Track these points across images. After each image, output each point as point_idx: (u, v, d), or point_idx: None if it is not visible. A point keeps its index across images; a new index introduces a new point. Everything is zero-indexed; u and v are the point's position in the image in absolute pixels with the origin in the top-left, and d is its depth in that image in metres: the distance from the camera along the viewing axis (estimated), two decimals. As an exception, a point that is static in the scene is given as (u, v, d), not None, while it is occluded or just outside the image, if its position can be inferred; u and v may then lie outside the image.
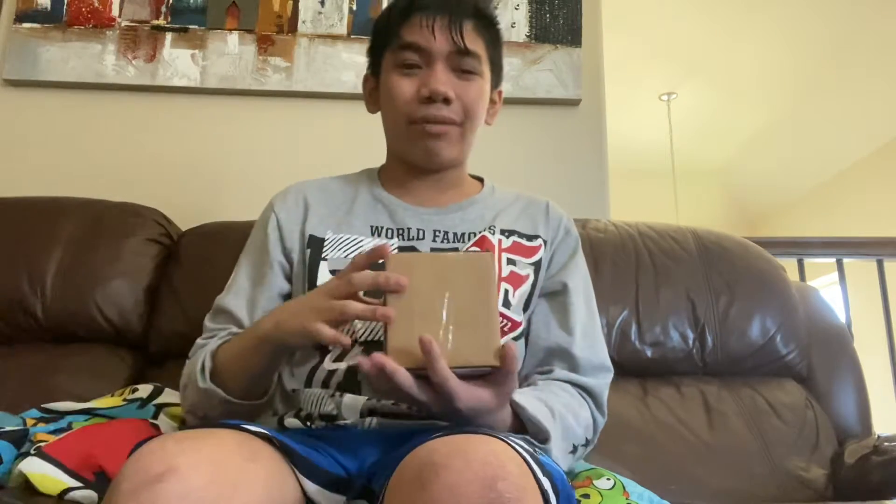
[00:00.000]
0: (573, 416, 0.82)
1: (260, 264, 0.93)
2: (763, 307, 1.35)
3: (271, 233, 0.93)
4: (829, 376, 1.37)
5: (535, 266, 0.93)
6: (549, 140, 1.71)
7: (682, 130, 4.67)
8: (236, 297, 0.91)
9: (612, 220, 1.48)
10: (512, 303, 0.89)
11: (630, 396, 1.29)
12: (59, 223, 1.33)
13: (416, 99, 0.88)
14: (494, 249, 0.91)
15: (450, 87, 0.87)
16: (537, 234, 0.96)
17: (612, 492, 0.84)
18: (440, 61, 0.88)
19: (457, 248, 0.91)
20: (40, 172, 1.63)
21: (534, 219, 0.98)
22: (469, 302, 0.66)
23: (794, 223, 5.17)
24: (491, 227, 0.94)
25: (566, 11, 1.74)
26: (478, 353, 0.65)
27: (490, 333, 0.66)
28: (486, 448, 0.54)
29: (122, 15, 1.69)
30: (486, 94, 0.92)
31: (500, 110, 1.01)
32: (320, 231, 0.92)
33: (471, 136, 0.92)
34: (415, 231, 0.92)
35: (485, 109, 0.93)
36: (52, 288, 1.27)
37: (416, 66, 0.89)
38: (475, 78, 0.90)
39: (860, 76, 3.84)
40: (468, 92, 0.89)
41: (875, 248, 2.18)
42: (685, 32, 3.70)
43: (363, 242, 0.90)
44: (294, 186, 0.99)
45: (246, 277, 0.93)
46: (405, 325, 0.65)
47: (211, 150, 1.66)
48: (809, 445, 1.25)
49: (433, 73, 0.87)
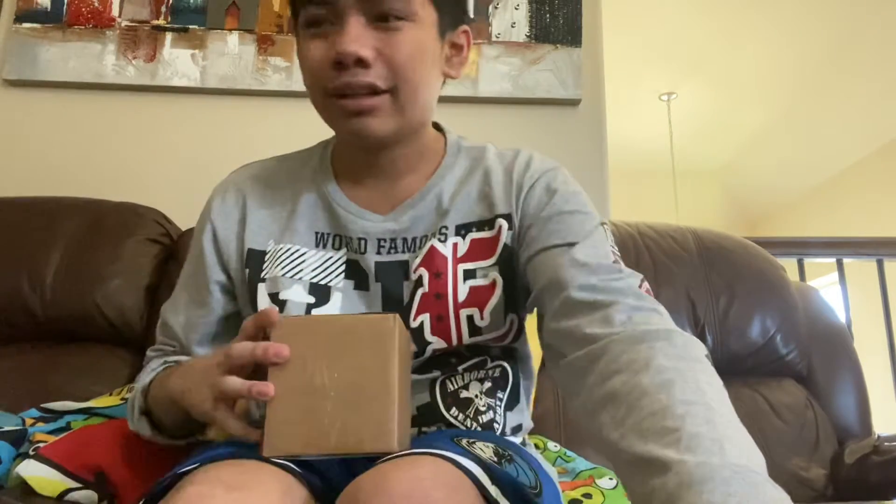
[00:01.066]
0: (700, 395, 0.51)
1: (197, 285, 0.80)
2: (763, 307, 1.35)
3: (206, 246, 0.79)
4: (829, 376, 1.37)
5: (500, 263, 0.74)
6: (549, 140, 1.71)
7: (682, 130, 4.67)
8: (175, 314, 0.81)
9: (612, 220, 1.48)
10: (480, 326, 0.73)
11: (630, 396, 1.29)
12: (59, 223, 1.33)
13: (328, 65, 0.68)
14: (446, 266, 0.74)
15: (366, 43, 0.67)
16: (495, 215, 0.75)
17: (615, 492, 0.84)
18: (351, 13, 0.67)
19: (407, 262, 0.75)
20: (40, 172, 1.63)
21: (493, 191, 0.76)
22: (364, 374, 0.57)
23: (794, 223, 5.17)
24: (442, 230, 0.75)
25: (566, 11, 1.74)
26: (371, 437, 0.56)
27: (386, 413, 0.56)
28: (410, 476, 0.50)
29: (122, 15, 1.69)
30: (426, 45, 0.71)
31: (468, 57, 0.79)
32: (260, 241, 0.78)
33: (412, 105, 0.71)
34: (356, 242, 0.76)
35: (430, 63, 0.72)
36: (52, 288, 1.27)
37: (326, 22, 0.69)
38: (404, 25, 0.69)
39: (860, 76, 3.84)
40: (395, 47, 0.68)
41: (875, 248, 2.18)
42: (685, 32, 3.70)
43: (306, 256, 0.76)
44: (235, 178, 0.83)
45: (185, 293, 0.82)
46: (287, 403, 0.57)
47: (211, 150, 1.66)
48: (809, 445, 1.25)
49: (343, 29, 0.67)
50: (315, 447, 0.57)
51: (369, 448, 0.56)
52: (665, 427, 0.47)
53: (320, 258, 0.76)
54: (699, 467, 0.43)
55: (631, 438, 0.49)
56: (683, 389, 0.51)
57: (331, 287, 0.75)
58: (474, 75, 1.69)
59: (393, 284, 0.75)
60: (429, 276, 0.74)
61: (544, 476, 0.70)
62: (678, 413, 0.48)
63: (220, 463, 0.58)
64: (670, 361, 0.54)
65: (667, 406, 0.49)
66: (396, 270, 0.75)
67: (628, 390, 0.52)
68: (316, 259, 0.76)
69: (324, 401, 0.57)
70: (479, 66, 1.70)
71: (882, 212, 4.17)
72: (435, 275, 0.74)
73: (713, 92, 4.33)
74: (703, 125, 4.75)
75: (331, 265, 0.76)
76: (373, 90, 0.69)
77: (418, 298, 0.73)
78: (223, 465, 0.57)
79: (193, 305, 0.80)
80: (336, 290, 0.75)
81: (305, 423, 0.57)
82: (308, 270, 0.75)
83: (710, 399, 0.50)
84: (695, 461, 0.44)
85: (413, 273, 0.74)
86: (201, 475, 0.55)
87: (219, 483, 0.53)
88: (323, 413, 0.57)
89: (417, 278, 0.74)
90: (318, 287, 0.75)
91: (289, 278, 0.75)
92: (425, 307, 0.73)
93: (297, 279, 0.75)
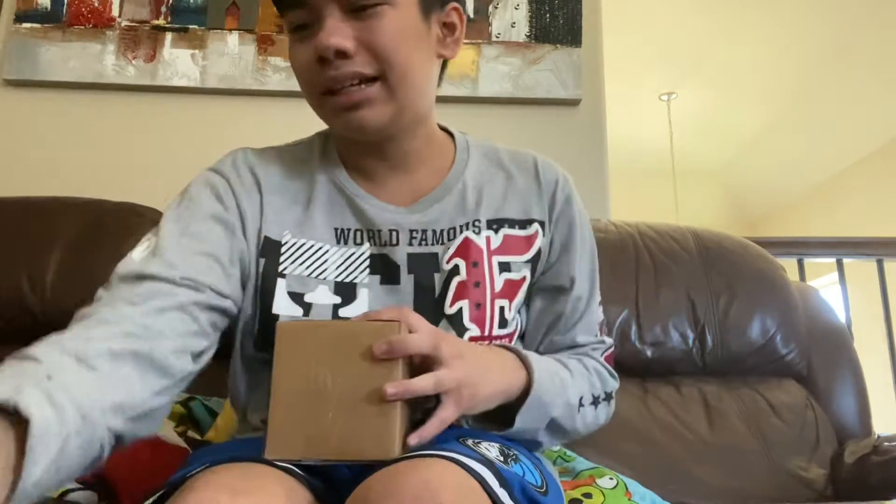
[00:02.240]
0: (580, 365, 0.79)
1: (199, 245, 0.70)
2: (763, 307, 1.36)
3: (234, 220, 0.73)
4: (829, 376, 1.37)
5: (533, 261, 0.79)
6: (549, 140, 1.71)
7: (682, 130, 4.67)
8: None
9: (612, 220, 1.48)
10: (508, 319, 0.77)
11: (630, 396, 1.29)
12: (59, 223, 1.33)
13: (312, 64, 0.69)
14: (482, 257, 0.76)
15: (344, 35, 0.67)
16: (531, 219, 0.79)
17: (615, 491, 0.84)
18: (326, 8, 0.67)
19: (436, 254, 0.76)
20: (40, 172, 1.63)
21: (524, 194, 0.80)
22: (368, 381, 0.57)
23: (794, 223, 5.17)
24: (475, 223, 0.77)
25: (566, 11, 1.74)
26: (372, 444, 0.56)
27: (388, 421, 0.56)
28: (420, 478, 0.51)
29: (122, 15, 1.69)
30: (408, 26, 0.70)
31: (461, 37, 0.77)
32: (276, 230, 0.75)
33: (405, 89, 0.70)
34: (387, 233, 0.76)
35: (417, 45, 0.71)
36: (52, 288, 1.27)
37: (309, 26, 0.69)
38: (382, 10, 0.68)
39: (860, 76, 3.84)
40: (374, 32, 0.67)
41: (875, 248, 2.18)
42: (685, 32, 3.70)
43: (328, 254, 0.75)
44: (240, 159, 0.78)
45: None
46: (290, 407, 0.57)
47: (211, 150, 1.65)
48: (809, 445, 1.25)
49: (322, 27, 0.68)
50: (316, 452, 0.57)
51: (370, 456, 0.56)
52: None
53: (343, 254, 0.75)
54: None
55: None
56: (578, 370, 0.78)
57: (356, 284, 0.74)
58: (474, 75, 1.69)
59: (425, 276, 0.75)
60: (466, 265, 0.75)
61: (548, 475, 0.70)
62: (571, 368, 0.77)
63: (223, 467, 0.57)
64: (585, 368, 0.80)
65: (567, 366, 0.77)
66: (427, 262, 0.76)
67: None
68: (338, 256, 0.75)
69: (326, 406, 0.57)
70: (479, 66, 1.70)
71: (882, 212, 4.17)
72: (472, 264, 0.76)
73: (713, 92, 4.33)
74: (703, 125, 4.75)
75: (355, 261, 0.75)
76: (361, 79, 0.68)
77: (454, 286, 0.75)
78: (227, 470, 0.57)
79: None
80: (362, 287, 0.74)
81: (307, 427, 0.57)
82: (332, 269, 0.74)
83: (574, 381, 0.76)
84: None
85: (446, 263, 0.76)
86: (205, 480, 0.54)
87: (223, 488, 0.53)
88: (325, 418, 0.57)
89: (452, 268, 0.75)
90: (343, 286, 0.74)
91: (314, 279, 0.73)
92: (463, 294, 0.75)
93: (322, 279, 0.74)
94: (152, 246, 0.68)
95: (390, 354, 0.57)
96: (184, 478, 0.57)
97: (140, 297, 0.63)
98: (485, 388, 0.65)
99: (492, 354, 0.70)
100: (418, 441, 0.58)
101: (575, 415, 0.76)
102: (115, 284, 0.65)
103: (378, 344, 0.57)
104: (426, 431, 0.59)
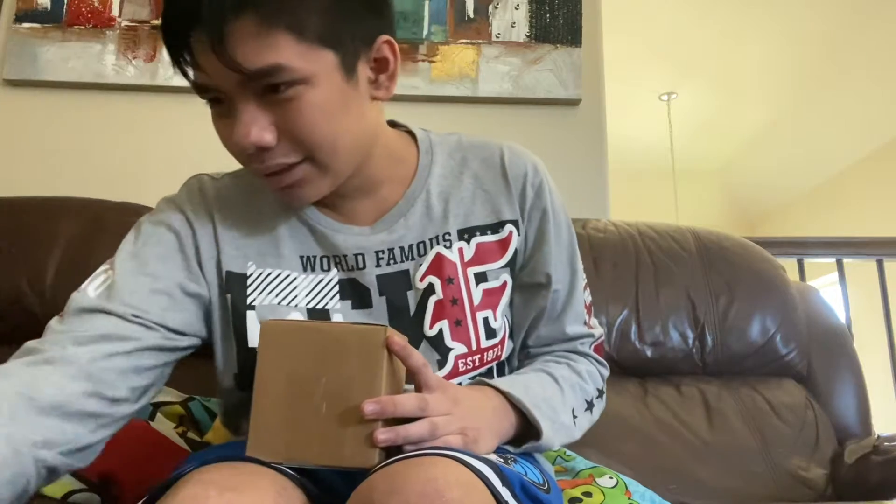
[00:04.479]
0: (570, 371, 0.78)
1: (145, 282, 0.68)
2: (763, 307, 1.35)
3: (190, 254, 0.71)
4: (829, 376, 1.37)
5: (510, 264, 0.77)
6: (549, 140, 1.71)
7: (682, 130, 4.67)
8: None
9: (612, 220, 1.48)
10: (495, 328, 0.75)
11: (630, 396, 1.29)
12: (59, 223, 1.33)
13: (236, 151, 0.66)
14: (456, 272, 0.74)
15: (262, 126, 0.62)
16: (502, 220, 0.76)
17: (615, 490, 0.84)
18: (239, 97, 0.62)
19: (407, 271, 0.74)
20: (40, 172, 1.63)
21: (492, 195, 0.76)
22: (351, 386, 0.56)
23: (794, 223, 5.17)
24: (446, 236, 0.74)
25: (566, 11, 1.74)
26: (352, 451, 0.55)
27: (370, 428, 0.55)
28: (425, 476, 0.50)
29: (122, 15, 1.69)
30: (329, 99, 0.63)
31: (397, 69, 0.69)
32: (238, 264, 0.72)
33: (337, 161, 0.66)
34: (353, 258, 0.73)
35: (343, 110, 0.64)
36: (52, 288, 1.27)
37: (223, 101, 0.64)
38: (298, 91, 0.61)
39: (860, 76, 3.84)
40: (293, 120, 0.62)
41: (875, 248, 2.18)
42: (685, 32, 3.70)
43: (296, 282, 0.73)
44: (193, 186, 0.77)
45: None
46: (273, 409, 0.56)
47: (211, 150, 1.65)
48: (809, 445, 1.25)
49: (236, 116, 0.62)
50: (297, 456, 0.57)
51: (349, 463, 0.55)
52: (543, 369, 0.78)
53: (311, 282, 0.73)
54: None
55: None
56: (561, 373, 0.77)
57: (329, 310, 0.73)
58: (474, 75, 1.69)
59: (398, 296, 0.74)
60: (440, 282, 0.73)
61: (547, 474, 0.70)
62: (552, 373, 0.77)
63: (215, 465, 0.58)
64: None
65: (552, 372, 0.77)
66: (398, 281, 0.74)
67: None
68: (307, 283, 0.73)
69: (308, 410, 0.56)
70: (479, 66, 1.70)
71: (882, 212, 4.17)
72: (447, 280, 0.73)
73: (713, 92, 4.33)
74: (703, 125, 4.75)
75: (323, 287, 0.74)
76: (288, 168, 0.65)
77: (431, 306, 0.73)
78: (218, 468, 0.57)
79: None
80: (335, 313, 0.73)
81: (289, 431, 0.56)
82: (302, 296, 0.73)
83: (564, 398, 0.75)
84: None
85: (420, 282, 0.74)
86: (195, 477, 0.55)
87: (212, 485, 0.53)
88: (307, 422, 0.56)
89: (427, 286, 0.73)
90: (315, 312, 0.73)
91: (284, 306, 0.72)
92: (441, 314, 0.73)
93: (293, 306, 0.72)
94: (108, 282, 0.67)
95: (379, 415, 0.56)
96: (177, 477, 0.58)
97: (90, 337, 0.63)
98: (488, 440, 0.65)
99: (487, 405, 0.67)
100: (387, 437, 0.56)
101: (573, 430, 0.76)
102: (68, 318, 0.65)
103: (368, 402, 0.55)
104: (409, 431, 0.57)
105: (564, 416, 0.73)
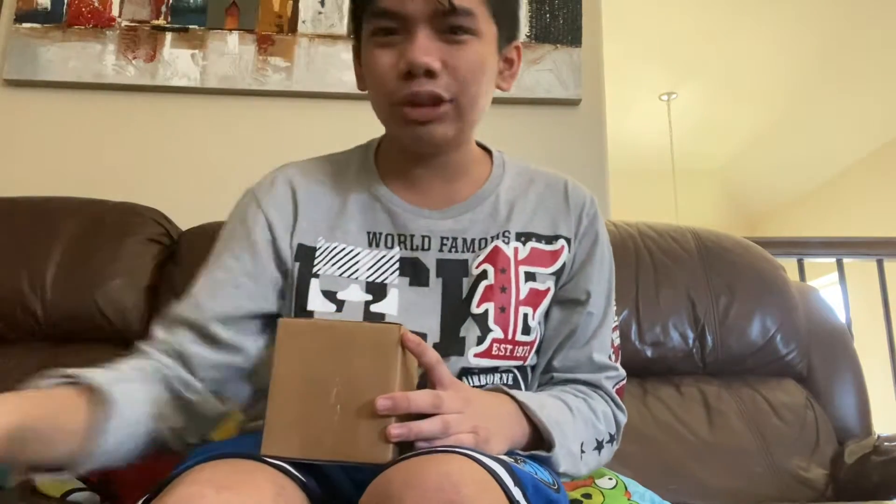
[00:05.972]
0: (586, 407, 0.79)
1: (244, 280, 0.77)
2: (763, 307, 1.36)
3: (260, 239, 0.78)
4: (829, 376, 1.38)
5: (557, 274, 0.82)
6: (549, 140, 1.71)
7: (682, 130, 4.67)
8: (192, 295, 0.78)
9: (612, 220, 1.48)
10: (532, 326, 0.79)
11: (630, 396, 1.29)
12: (59, 223, 1.33)
13: (395, 75, 0.72)
14: (509, 265, 0.80)
15: (434, 55, 0.71)
16: (558, 234, 0.83)
17: (614, 491, 0.84)
18: (421, 26, 0.71)
19: (466, 261, 0.79)
20: (40, 172, 1.63)
21: (552, 212, 0.84)
22: (365, 383, 0.57)
23: (794, 223, 5.16)
24: (505, 234, 0.81)
25: (566, 11, 1.74)
26: (366, 447, 0.56)
27: (383, 424, 0.56)
28: (440, 471, 0.51)
29: (122, 15, 1.69)
30: (487, 59, 0.75)
31: (517, 72, 0.83)
32: (310, 238, 0.79)
33: (471, 112, 0.76)
34: (419, 239, 0.80)
35: (489, 76, 0.77)
36: (52, 288, 1.27)
37: (394, 33, 0.72)
38: (470, 40, 0.72)
39: (860, 76, 3.84)
40: (460, 59, 0.72)
41: (875, 248, 2.18)
42: (685, 32, 3.70)
43: (359, 256, 0.79)
44: (280, 175, 0.84)
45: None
46: (288, 405, 0.57)
47: (211, 150, 1.66)
48: (809, 445, 1.25)
49: (412, 40, 0.71)
50: (311, 452, 0.57)
51: (363, 458, 0.56)
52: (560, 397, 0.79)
53: (374, 257, 0.79)
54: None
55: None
56: (580, 409, 0.79)
57: (387, 284, 0.78)
58: (474, 75, 1.69)
59: (454, 281, 0.79)
60: (494, 270, 0.79)
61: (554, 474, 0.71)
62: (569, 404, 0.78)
63: (213, 462, 0.58)
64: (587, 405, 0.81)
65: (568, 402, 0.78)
66: (457, 267, 0.80)
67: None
68: (370, 258, 0.79)
69: (323, 406, 0.57)
70: (479, 66, 1.70)
71: (882, 212, 4.17)
72: (500, 270, 0.79)
73: (713, 92, 4.34)
74: (703, 125, 4.75)
75: (385, 263, 0.79)
76: (437, 100, 0.72)
77: (481, 289, 0.78)
78: (216, 465, 0.57)
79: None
80: (392, 287, 0.78)
81: (303, 426, 0.57)
82: (363, 269, 0.78)
83: (575, 427, 0.76)
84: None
85: (475, 269, 0.79)
86: (193, 475, 0.54)
87: (209, 483, 0.53)
88: (321, 418, 0.57)
89: (481, 272, 0.79)
90: (374, 285, 0.77)
91: (345, 278, 0.77)
92: (489, 297, 0.78)
93: (354, 279, 0.77)
94: (199, 286, 0.78)
95: (392, 411, 0.57)
96: (176, 475, 0.57)
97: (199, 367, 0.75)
98: (499, 441, 0.66)
99: (501, 409, 0.69)
100: (400, 432, 0.57)
101: (578, 463, 0.76)
102: (169, 325, 0.78)
103: (381, 398, 0.57)
104: (421, 427, 0.58)
105: (573, 444, 0.74)
